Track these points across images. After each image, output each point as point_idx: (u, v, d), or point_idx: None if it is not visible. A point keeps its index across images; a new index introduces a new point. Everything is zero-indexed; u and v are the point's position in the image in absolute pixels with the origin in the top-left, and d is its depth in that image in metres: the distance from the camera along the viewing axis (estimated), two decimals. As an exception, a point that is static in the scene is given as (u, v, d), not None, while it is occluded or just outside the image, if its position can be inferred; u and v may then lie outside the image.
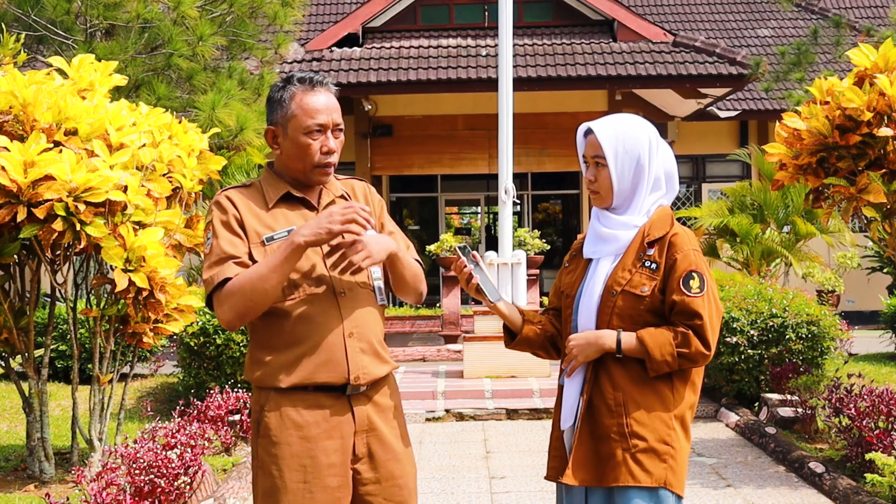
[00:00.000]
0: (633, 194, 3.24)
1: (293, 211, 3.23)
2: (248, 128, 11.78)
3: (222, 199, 3.22)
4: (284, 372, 3.12)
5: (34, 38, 11.98)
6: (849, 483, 6.48)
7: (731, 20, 23.79)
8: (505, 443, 8.68)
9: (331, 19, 21.51)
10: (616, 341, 3.14)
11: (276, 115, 3.22)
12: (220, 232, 3.16)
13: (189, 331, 9.21)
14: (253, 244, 3.15)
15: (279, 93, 3.22)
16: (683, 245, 3.18)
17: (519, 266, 12.05)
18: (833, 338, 9.54)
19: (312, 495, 3.10)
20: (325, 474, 3.11)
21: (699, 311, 3.12)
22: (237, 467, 7.35)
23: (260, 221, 3.18)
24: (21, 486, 6.73)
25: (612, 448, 3.14)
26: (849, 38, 15.28)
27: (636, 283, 3.17)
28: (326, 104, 3.20)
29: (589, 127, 3.29)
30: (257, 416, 3.19)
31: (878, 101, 6.48)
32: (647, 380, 3.16)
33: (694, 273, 3.14)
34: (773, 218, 14.51)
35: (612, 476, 3.13)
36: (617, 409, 3.15)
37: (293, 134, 3.18)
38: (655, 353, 3.10)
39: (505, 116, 12.08)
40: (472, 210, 25.52)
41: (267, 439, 3.14)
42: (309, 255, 3.15)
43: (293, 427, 3.11)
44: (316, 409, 3.13)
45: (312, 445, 3.11)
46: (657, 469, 3.12)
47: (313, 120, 3.17)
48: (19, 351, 6.91)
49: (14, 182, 5.85)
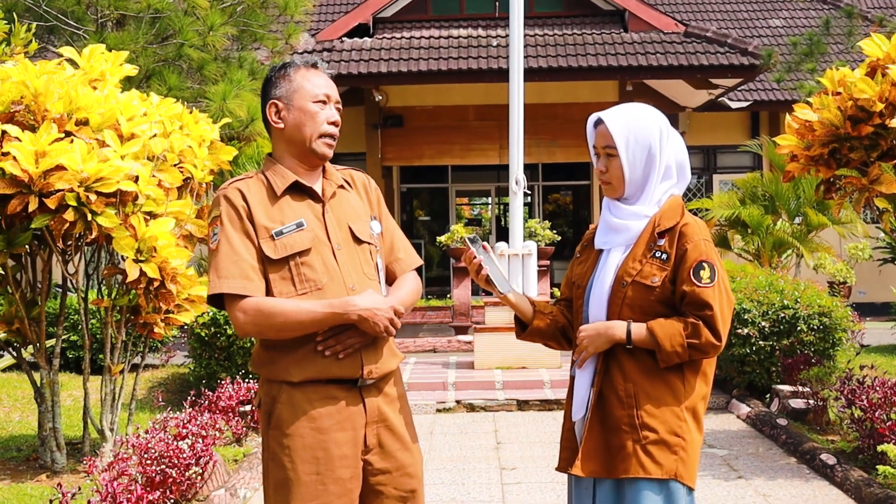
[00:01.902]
0: (644, 184, 3.23)
1: (299, 202, 3.23)
2: (258, 118, 11.77)
3: (230, 193, 3.21)
4: (297, 366, 3.13)
5: (45, 28, 11.99)
6: (861, 475, 6.47)
7: (742, 10, 23.70)
8: (515, 434, 8.68)
9: (341, 9, 21.48)
10: (626, 332, 3.13)
11: (278, 90, 3.25)
12: (230, 230, 3.16)
13: (200, 321, 9.22)
14: (262, 238, 3.15)
15: (282, 70, 3.28)
16: (694, 235, 3.17)
17: (530, 257, 12.04)
18: (845, 329, 9.51)
19: (325, 487, 3.11)
20: (338, 466, 3.12)
21: (709, 302, 3.10)
22: (248, 458, 7.36)
23: (268, 215, 3.18)
24: (33, 475, 6.75)
25: (622, 439, 3.13)
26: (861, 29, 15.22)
27: (647, 274, 3.16)
28: (329, 82, 3.30)
29: (599, 117, 3.28)
30: (268, 409, 3.19)
31: (890, 92, 6.45)
32: (658, 371, 3.14)
33: (704, 263, 3.13)
34: (784, 209, 14.47)
35: (623, 467, 3.12)
36: (628, 401, 3.14)
37: (300, 103, 3.22)
38: (665, 343, 3.08)
39: (516, 107, 12.06)
40: (482, 201, 25.50)
41: (279, 431, 3.14)
42: (319, 250, 3.17)
43: (306, 419, 3.12)
44: (328, 401, 3.14)
45: (325, 437, 3.12)
46: (668, 461, 3.11)
47: (321, 90, 3.24)
48: (31, 341, 6.93)
49: (25, 172, 5.86)
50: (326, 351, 3.11)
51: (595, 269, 3.30)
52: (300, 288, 3.13)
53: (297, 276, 3.14)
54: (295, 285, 3.13)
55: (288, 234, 3.14)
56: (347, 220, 3.28)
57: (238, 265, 3.10)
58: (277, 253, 3.13)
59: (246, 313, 3.09)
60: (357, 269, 3.22)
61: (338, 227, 3.24)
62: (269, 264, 3.14)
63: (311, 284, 3.14)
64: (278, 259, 3.14)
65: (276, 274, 3.14)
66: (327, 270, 3.16)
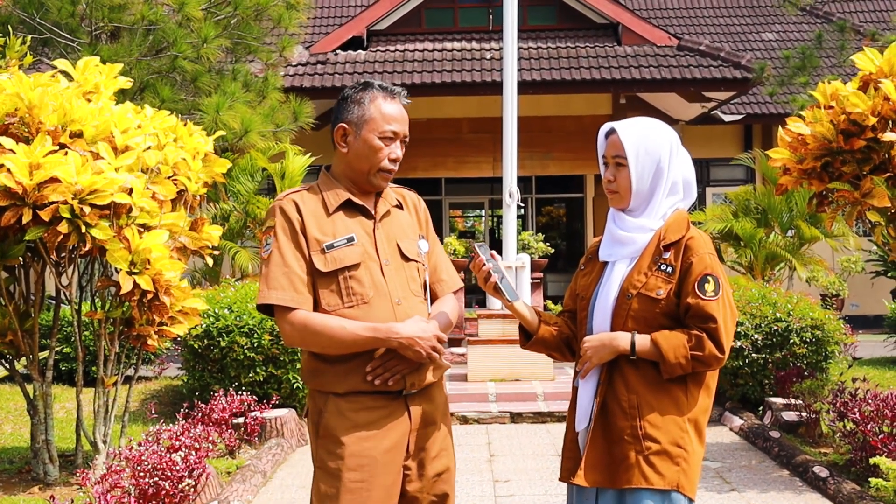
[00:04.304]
0: (650, 197, 3.26)
1: (351, 218, 3.30)
2: (252, 130, 11.81)
3: (286, 204, 3.28)
4: (343, 379, 3.20)
5: (39, 40, 12.01)
6: (853, 487, 6.47)
7: (735, 24, 23.79)
8: (509, 446, 8.67)
9: (335, 22, 21.53)
10: (630, 343, 3.15)
11: (350, 114, 3.29)
12: (283, 241, 3.23)
13: (193, 333, 9.21)
14: (313, 251, 3.22)
15: (359, 93, 3.30)
16: (699, 249, 3.21)
17: (523, 269, 12.07)
18: (837, 342, 9.53)
19: (370, 493, 3.16)
20: (381, 472, 3.18)
21: (714, 315, 3.13)
22: (241, 470, 7.35)
23: (320, 228, 3.25)
24: (25, 488, 6.73)
25: (625, 450, 3.15)
26: (853, 43, 15.31)
27: (652, 287, 3.18)
28: (402, 115, 3.33)
29: (612, 127, 3.31)
30: (316, 419, 3.26)
31: (882, 106, 6.47)
32: (661, 383, 3.17)
33: (709, 276, 3.16)
34: (777, 222, 14.52)
35: (625, 478, 3.14)
36: (631, 412, 3.16)
37: (367, 135, 3.26)
38: (669, 355, 3.10)
39: (509, 120, 12.10)
40: (476, 213, 25.54)
41: (327, 440, 3.21)
42: (368, 265, 3.24)
43: (352, 427, 3.18)
44: (374, 410, 3.21)
45: (371, 445, 3.18)
46: (669, 471, 3.14)
47: (390, 126, 3.28)
48: (24, 353, 6.91)
49: (19, 184, 5.85)
50: (376, 380, 3.18)
51: (600, 280, 3.32)
52: (347, 301, 3.21)
53: (345, 290, 3.21)
54: (342, 298, 3.21)
55: (339, 248, 3.22)
56: (396, 237, 3.35)
57: (288, 277, 3.19)
58: (327, 266, 3.21)
59: (293, 326, 3.18)
60: (404, 285, 3.30)
61: (387, 244, 3.32)
62: (318, 276, 3.22)
63: (358, 298, 3.21)
64: (328, 272, 3.21)
65: (324, 286, 3.22)
66: (374, 285, 3.23)
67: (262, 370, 9.04)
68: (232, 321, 9.15)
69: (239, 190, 13.49)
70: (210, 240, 7.00)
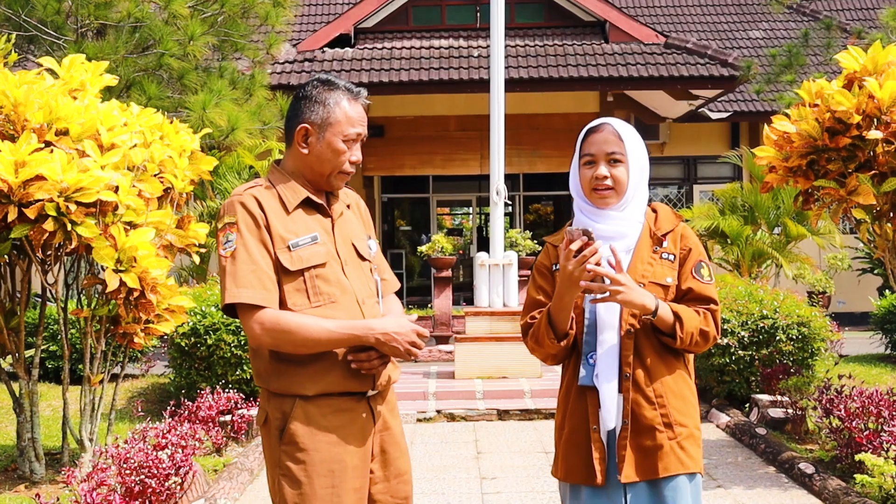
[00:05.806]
0: (636, 191, 3.29)
1: (310, 216, 3.22)
2: (239, 128, 11.77)
3: (246, 199, 3.15)
4: (311, 381, 3.11)
5: (25, 37, 11.96)
6: (839, 484, 6.50)
7: (722, 22, 23.85)
8: (496, 443, 8.68)
9: (322, 20, 21.51)
10: (656, 304, 3.14)
11: (314, 115, 3.19)
12: (247, 237, 3.11)
13: (180, 331, 9.20)
14: (279, 249, 3.12)
15: (323, 93, 3.20)
16: (692, 237, 3.32)
17: (510, 267, 12.08)
18: (823, 339, 9.56)
19: (340, 499, 3.10)
20: (351, 477, 3.13)
21: (713, 297, 3.25)
22: (228, 468, 7.34)
23: (284, 226, 3.15)
24: (11, 486, 6.71)
25: (658, 439, 3.16)
26: (839, 41, 15.36)
27: (660, 274, 3.23)
28: (364, 116, 3.26)
29: (598, 124, 3.29)
30: (280, 424, 3.14)
31: (867, 104, 6.50)
32: (677, 369, 3.22)
33: (703, 263, 3.28)
34: (763, 220, 14.56)
35: (663, 466, 3.14)
36: (658, 401, 3.18)
37: (331, 138, 3.18)
38: (687, 324, 3.15)
39: (497, 117, 12.10)
40: (463, 211, 25.57)
41: (293, 446, 3.11)
42: (332, 264, 3.18)
43: (322, 433, 3.11)
44: (342, 413, 3.15)
45: (340, 449, 3.12)
46: (697, 454, 3.21)
47: (354, 129, 3.20)
48: (10, 351, 6.90)
49: (5, 182, 5.83)
50: (354, 364, 3.12)
51: None
52: (314, 301, 3.13)
53: (312, 289, 3.13)
54: (309, 297, 3.13)
55: (304, 247, 3.14)
56: (351, 237, 3.30)
57: (257, 275, 3.07)
58: (294, 265, 3.12)
59: (263, 326, 3.05)
60: (364, 284, 3.25)
61: (343, 244, 3.25)
62: (283, 275, 3.12)
63: (326, 297, 3.14)
64: (294, 270, 3.12)
65: (290, 285, 3.12)
66: (340, 284, 3.17)
67: (248, 368, 9.03)
68: (219, 319, 9.14)
69: (226, 188, 13.48)
70: (197, 237, 6.99)
